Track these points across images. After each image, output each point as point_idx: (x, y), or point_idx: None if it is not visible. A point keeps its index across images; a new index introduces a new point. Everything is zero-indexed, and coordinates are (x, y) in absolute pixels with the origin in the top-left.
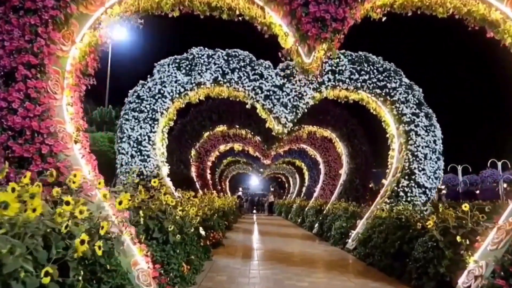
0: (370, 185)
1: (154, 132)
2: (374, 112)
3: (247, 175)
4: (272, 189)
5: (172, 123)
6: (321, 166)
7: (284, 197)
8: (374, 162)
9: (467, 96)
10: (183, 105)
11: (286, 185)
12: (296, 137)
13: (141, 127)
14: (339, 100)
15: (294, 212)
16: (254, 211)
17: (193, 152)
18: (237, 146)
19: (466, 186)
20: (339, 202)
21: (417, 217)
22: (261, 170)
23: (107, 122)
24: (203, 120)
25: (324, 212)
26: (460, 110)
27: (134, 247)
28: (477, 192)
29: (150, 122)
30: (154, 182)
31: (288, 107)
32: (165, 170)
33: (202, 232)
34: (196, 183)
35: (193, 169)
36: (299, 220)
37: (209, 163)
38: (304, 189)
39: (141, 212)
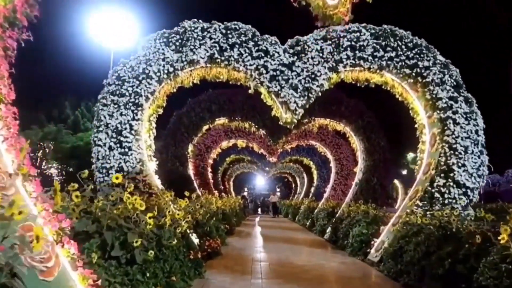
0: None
1: (138, 120)
2: (400, 98)
3: (252, 175)
4: (278, 189)
5: (161, 111)
6: (332, 164)
7: (291, 197)
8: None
9: (489, 85)
10: (174, 90)
11: (293, 185)
12: (305, 132)
13: (121, 114)
14: (358, 84)
15: (302, 214)
16: (259, 212)
17: (190, 147)
18: (241, 143)
19: (488, 187)
20: (356, 204)
21: (469, 226)
22: (267, 169)
23: None
24: (202, 112)
25: (338, 215)
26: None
27: (74, 274)
28: (500, 193)
29: (132, 108)
30: (117, 178)
31: (299, 90)
32: (151, 166)
33: (196, 241)
34: (194, 182)
35: (190, 166)
36: (307, 223)
37: (210, 161)
38: (312, 189)
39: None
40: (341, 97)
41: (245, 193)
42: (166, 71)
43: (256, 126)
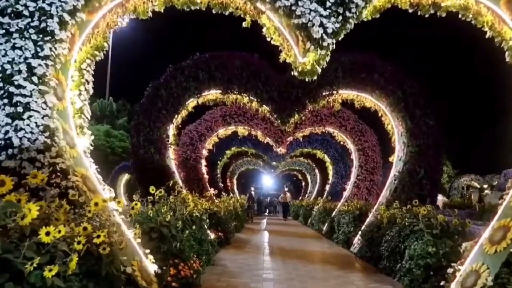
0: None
1: (44, 58)
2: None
3: (258, 173)
4: (286, 188)
5: (100, 55)
6: (354, 156)
7: (300, 197)
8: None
9: None
10: (121, 21)
11: (303, 183)
12: (320, 117)
13: (15, 47)
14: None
15: (316, 217)
16: (266, 213)
17: (171, 129)
18: (242, 130)
19: None
20: (397, 206)
21: None
22: (274, 163)
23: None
24: (185, 81)
25: (369, 219)
26: None
27: None
28: None
29: (35, 37)
30: None
31: (328, 4)
32: (80, 143)
33: (151, 267)
34: (177, 175)
35: (171, 155)
36: (324, 228)
37: (205, 152)
38: (327, 187)
39: None
40: (373, 61)
41: (252, 192)
42: None
43: (259, 100)
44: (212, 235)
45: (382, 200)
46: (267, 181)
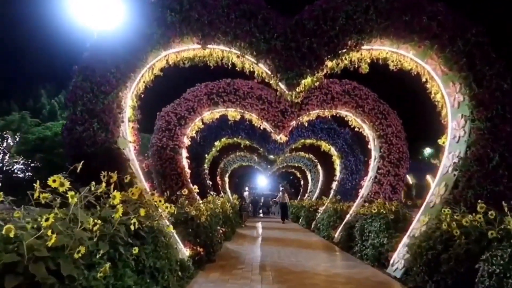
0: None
1: None
2: None
3: (252, 171)
4: (281, 188)
5: None
6: (373, 145)
7: (299, 197)
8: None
9: None
10: None
11: (302, 182)
12: (332, 95)
13: None
14: None
15: (325, 221)
16: (261, 214)
17: (129, 99)
18: (233, 113)
19: None
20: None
21: None
22: (271, 157)
23: None
24: (147, 25)
25: (430, 232)
26: None
27: None
28: None
29: None
30: None
31: None
32: None
33: None
34: (134, 165)
35: (128, 135)
36: (335, 236)
37: (186, 140)
38: (334, 185)
39: None
40: (421, 1)
41: (247, 193)
42: None
43: (255, 54)
44: (186, 252)
45: (434, 200)
46: (262, 181)
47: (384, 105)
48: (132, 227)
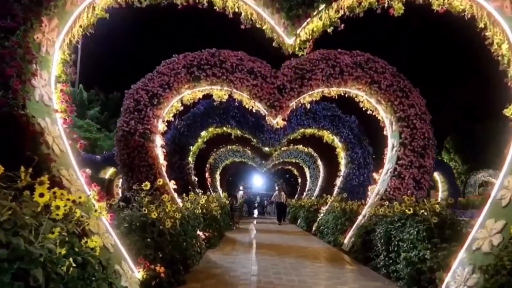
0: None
1: None
2: None
3: (246, 168)
4: (277, 187)
5: None
6: (390, 131)
7: (296, 196)
8: None
9: None
10: None
11: (299, 180)
12: (340, 68)
13: None
14: None
15: (330, 224)
16: (255, 215)
17: (59, 51)
18: (218, 92)
19: None
20: None
21: None
22: (267, 149)
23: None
24: None
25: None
26: None
27: None
28: None
29: None
30: None
31: None
32: None
33: None
34: (57, 144)
35: (55, 102)
36: (345, 241)
37: (160, 124)
38: (338, 181)
39: None
40: None
41: (241, 192)
42: None
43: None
44: (138, 274)
45: (507, 196)
46: (257, 180)
47: (405, 81)
48: None
